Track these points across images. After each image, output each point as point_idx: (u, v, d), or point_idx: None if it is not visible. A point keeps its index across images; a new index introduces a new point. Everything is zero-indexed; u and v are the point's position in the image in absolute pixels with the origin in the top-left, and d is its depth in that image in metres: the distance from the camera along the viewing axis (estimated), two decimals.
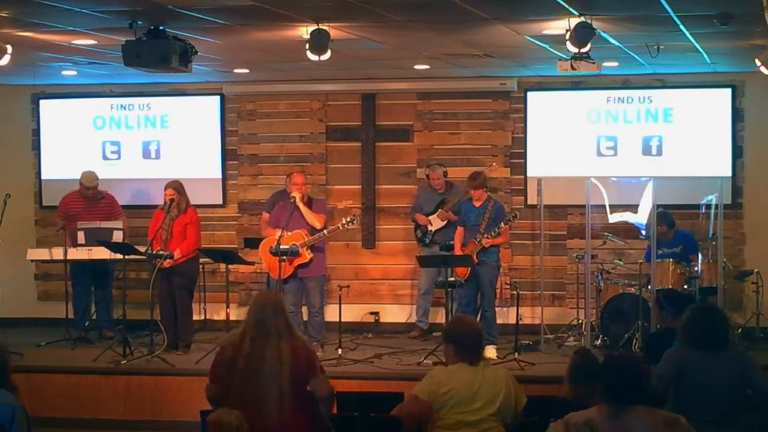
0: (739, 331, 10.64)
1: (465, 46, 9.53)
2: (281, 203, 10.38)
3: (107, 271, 11.30)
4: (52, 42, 9.07)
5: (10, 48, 8.35)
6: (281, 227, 9.79)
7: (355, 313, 11.81)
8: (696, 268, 10.08)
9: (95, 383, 9.50)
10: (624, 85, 11.73)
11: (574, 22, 7.84)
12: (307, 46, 8.29)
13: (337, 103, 12.30)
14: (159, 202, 10.58)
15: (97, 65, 10.61)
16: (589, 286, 10.32)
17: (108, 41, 8.84)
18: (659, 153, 11.61)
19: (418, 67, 10.97)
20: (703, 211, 10.54)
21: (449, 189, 11.33)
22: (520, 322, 10.40)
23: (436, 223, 11.22)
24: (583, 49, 8.07)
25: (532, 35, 8.80)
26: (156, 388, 9.38)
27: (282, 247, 9.62)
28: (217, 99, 12.42)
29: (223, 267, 11.03)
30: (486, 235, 9.85)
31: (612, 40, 8.92)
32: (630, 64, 10.49)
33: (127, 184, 12.43)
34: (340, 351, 9.75)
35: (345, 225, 9.90)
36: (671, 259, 10.17)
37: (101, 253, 10.59)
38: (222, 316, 10.94)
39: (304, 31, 8.27)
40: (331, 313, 10.69)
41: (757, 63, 8.77)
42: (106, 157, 12.57)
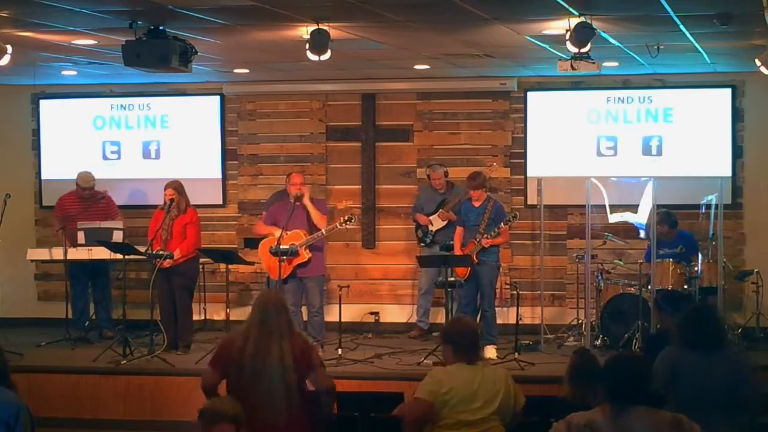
0: (739, 331, 10.64)
1: (465, 46, 9.53)
2: (279, 202, 10.38)
3: (106, 271, 11.31)
4: (52, 42, 9.07)
5: (10, 48, 8.34)
6: (279, 226, 9.79)
7: (355, 313, 11.81)
8: (696, 268, 10.08)
9: (95, 383, 9.50)
10: (624, 85, 11.73)
11: (574, 22, 7.84)
12: (307, 46, 8.29)
13: (337, 103, 12.30)
14: (159, 202, 10.58)
15: (97, 65, 10.61)
16: (589, 286, 10.32)
17: (108, 41, 8.84)
18: (659, 153, 11.61)
19: (418, 67, 10.97)
20: (703, 211, 10.55)
21: (450, 189, 11.33)
22: (520, 322, 10.40)
23: (437, 223, 11.23)
24: (583, 49, 8.07)
25: (532, 35, 8.80)
26: (156, 388, 9.38)
27: (282, 247, 9.62)
28: (217, 99, 12.42)
29: (223, 267, 11.03)
30: (486, 235, 9.85)
31: (612, 40, 8.92)
32: (630, 64, 10.49)
33: (127, 184, 12.44)
34: (340, 351, 9.75)
35: (342, 224, 9.89)
36: (671, 259, 10.18)
37: (101, 253, 10.59)
38: (222, 316, 10.93)
39: (304, 31, 8.27)
40: (331, 313, 10.69)
41: (757, 63, 8.77)
42: (106, 157, 12.57)
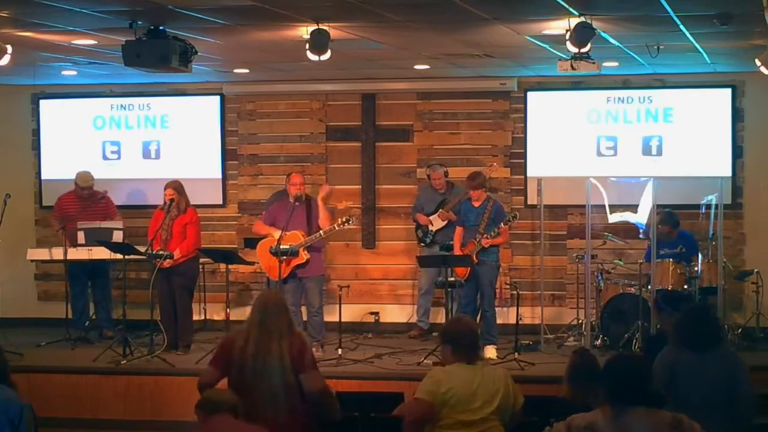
0: (739, 331, 10.63)
1: (465, 46, 9.53)
2: (278, 203, 10.37)
3: (105, 271, 11.30)
4: (52, 42, 9.07)
5: (10, 48, 8.34)
6: (278, 226, 9.78)
7: (355, 313, 11.81)
8: (696, 268, 10.08)
9: (95, 383, 9.50)
10: (624, 85, 11.73)
11: (574, 22, 7.84)
12: (307, 46, 8.29)
13: (337, 103, 12.30)
14: (159, 202, 10.58)
15: (97, 65, 10.61)
16: (589, 286, 10.32)
17: (108, 41, 8.84)
18: (659, 153, 11.61)
19: (418, 67, 10.97)
20: (703, 211, 10.55)
21: (450, 189, 11.33)
22: (520, 322, 10.39)
23: (436, 223, 11.22)
24: (583, 49, 8.07)
25: (532, 35, 8.80)
26: (156, 388, 9.37)
27: (282, 247, 9.61)
28: (217, 99, 12.41)
29: (223, 267, 11.03)
30: (485, 235, 9.85)
31: (612, 40, 8.92)
32: (630, 64, 10.49)
33: (127, 184, 12.44)
34: (340, 351, 9.74)
35: (341, 225, 9.89)
36: (671, 259, 10.18)
37: (101, 253, 10.59)
38: (222, 316, 10.93)
39: (304, 31, 8.27)
40: (331, 313, 10.68)
41: (757, 63, 8.76)
42: (106, 157, 12.57)
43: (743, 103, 11.53)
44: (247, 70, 11.39)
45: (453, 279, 9.88)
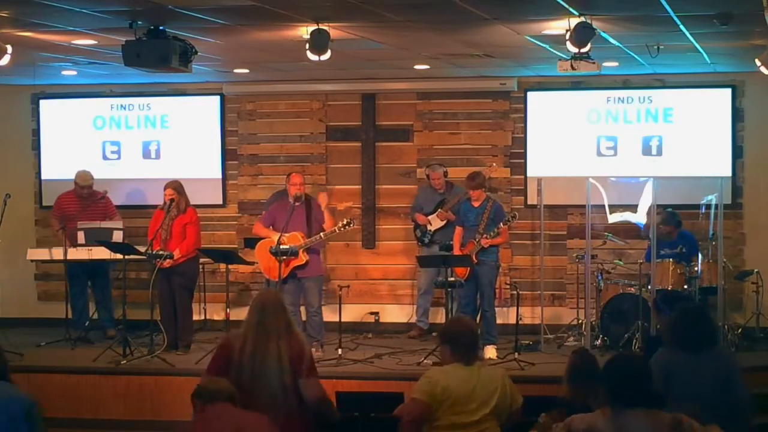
0: (739, 331, 10.63)
1: (465, 46, 9.53)
2: (278, 203, 10.36)
3: (105, 271, 11.30)
4: (52, 42, 9.07)
5: (10, 48, 8.34)
6: (277, 227, 9.77)
7: (355, 313, 11.81)
8: (696, 268, 10.08)
9: (95, 383, 9.50)
10: (624, 85, 11.73)
11: (574, 22, 7.84)
12: (307, 46, 8.29)
13: (337, 103, 12.30)
14: (159, 202, 10.58)
15: (97, 65, 10.61)
16: (589, 286, 10.32)
17: (108, 41, 8.84)
18: (659, 153, 11.61)
19: (418, 67, 10.97)
20: (703, 211, 10.55)
21: (449, 189, 11.33)
22: (520, 322, 10.39)
23: (435, 222, 11.22)
24: (583, 49, 8.07)
25: (532, 35, 8.80)
26: (156, 388, 9.37)
27: (282, 247, 9.61)
28: (217, 99, 12.41)
29: (223, 267, 11.03)
30: (485, 235, 9.85)
31: (612, 40, 8.92)
32: (630, 64, 10.49)
33: (126, 184, 12.44)
34: (340, 351, 9.74)
35: (342, 228, 9.89)
36: (671, 259, 10.18)
37: (101, 253, 10.59)
38: (222, 316, 10.93)
39: (304, 31, 8.27)
40: (331, 313, 10.68)
41: (757, 63, 8.76)
42: (106, 157, 12.57)
43: (743, 103, 11.53)
44: (247, 70, 11.39)
45: (453, 279, 9.88)
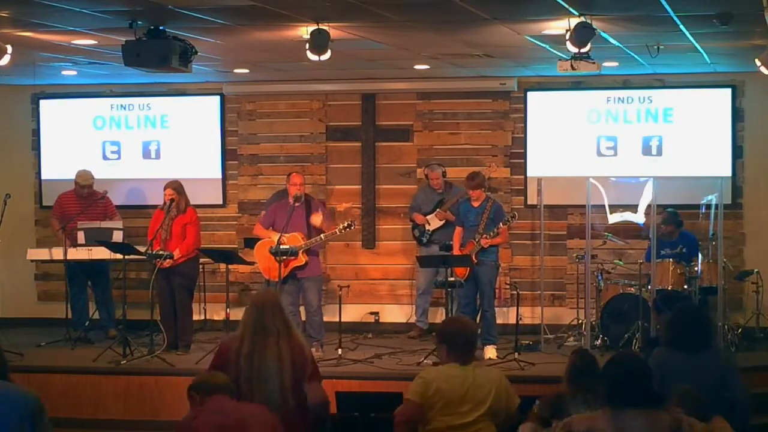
0: (739, 331, 10.63)
1: (465, 46, 9.53)
2: (277, 203, 10.35)
3: (104, 271, 11.30)
4: (52, 42, 9.07)
5: (10, 48, 8.34)
6: (277, 228, 9.77)
7: (355, 313, 11.81)
8: (696, 268, 10.08)
9: (95, 383, 9.50)
10: (624, 85, 11.73)
11: (574, 22, 7.84)
12: (307, 46, 8.29)
13: (337, 103, 12.30)
14: (159, 202, 10.58)
15: (97, 65, 10.61)
16: (589, 286, 10.32)
17: (108, 41, 8.84)
18: (659, 153, 11.61)
19: (418, 67, 10.97)
20: (703, 211, 10.56)
21: (448, 189, 11.33)
22: (520, 322, 10.40)
23: (433, 222, 11.22)
24: (583, 49, 8.07)
25: (532, 35, 8.80)
26: (156, 388, 9.37)
27: (282, 247, 9.61)
28: (217, 99, 12.41)
29: (223, 267, 11.03)
30: (485, 235, 9.85)
31: (612, 40, 8.92)
32: (630, 64, 10.49)
33: (126, 184, 12.44)
34: (340, 351, 9.74)
35: (342, 231, 9.89)
36: (671, 259, 10.18)
37: (101, 253, 10.59)
38: (222, 316, 10.92)
39: (304, 31, 8.27)
40: (331, 313, 10.69)
41: (757, 63, 8.75)
42: (106, 157, 12.57)
43: (743, 103, 11.53)
44: (247, 70, 11.39)
45: (453, 279, 9.87)
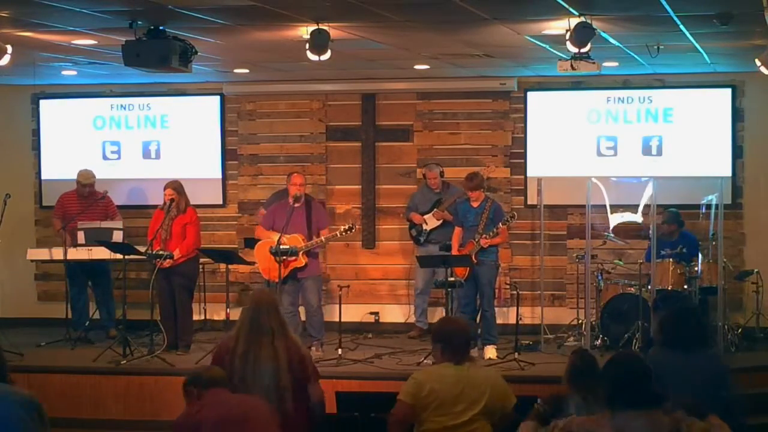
0: (739, 331, 10.63)
1: (465, 46, 9.53)
2: (277, 204, 10.35)
3: (105, 271, 11.30)
4: (52, 42, 9.07)
5: (10, 48, 8.34)
6: (277, 229, 9.76)
7: (355, 313, 11.81)
8: (696, 269, 10.08)
9: (95, 383, 9.50)
10: (624, 85, 11.73)
11: (574, 22, 7.84)
12: (307, 46, 8.29)
13: (337, 103, 12.30)
14: (159, 202, 10.59)
15: (97, 65, 10.61)
16: (589, 286, 10.32)
17: (108, 41, 8.84)
18: (659, 153, 11.61)
19: (418, 67, 10.97)
20: (703, 211, 10.56)
21: (446, 189, 11.33)
22: (520, 322, 10.39)
23: (431, 222, 11.21)
24: (583, 49, 8.07)
25: (532, 35, 8.80)
26: (156, 388, 9.37)
27: (282, 247, 9.61)
28: (217, 99, 12.41)
29: (223, 267, 11.03)
30: (484, 235, 9.85)
31: (612, 40, 8.92)
32: (630, 64, 10.49)
33: (126, 184, 12.44)
34: (340, 351, 9.74)
35: (343, 233, 9.90)
36: (671, 259, 10.18)
37: (101, 253, 10.59)
38: (222, 316, 10.93)
39: (304, 31, 8.27)
40: (331, 313, 10.69)
41: (757, 63, 8.76)
42: (106, 157, 12.57)
43: (743, 103, 11.53)
44: (247, 70, 11.39)
45: (453, 279, 9.87)
